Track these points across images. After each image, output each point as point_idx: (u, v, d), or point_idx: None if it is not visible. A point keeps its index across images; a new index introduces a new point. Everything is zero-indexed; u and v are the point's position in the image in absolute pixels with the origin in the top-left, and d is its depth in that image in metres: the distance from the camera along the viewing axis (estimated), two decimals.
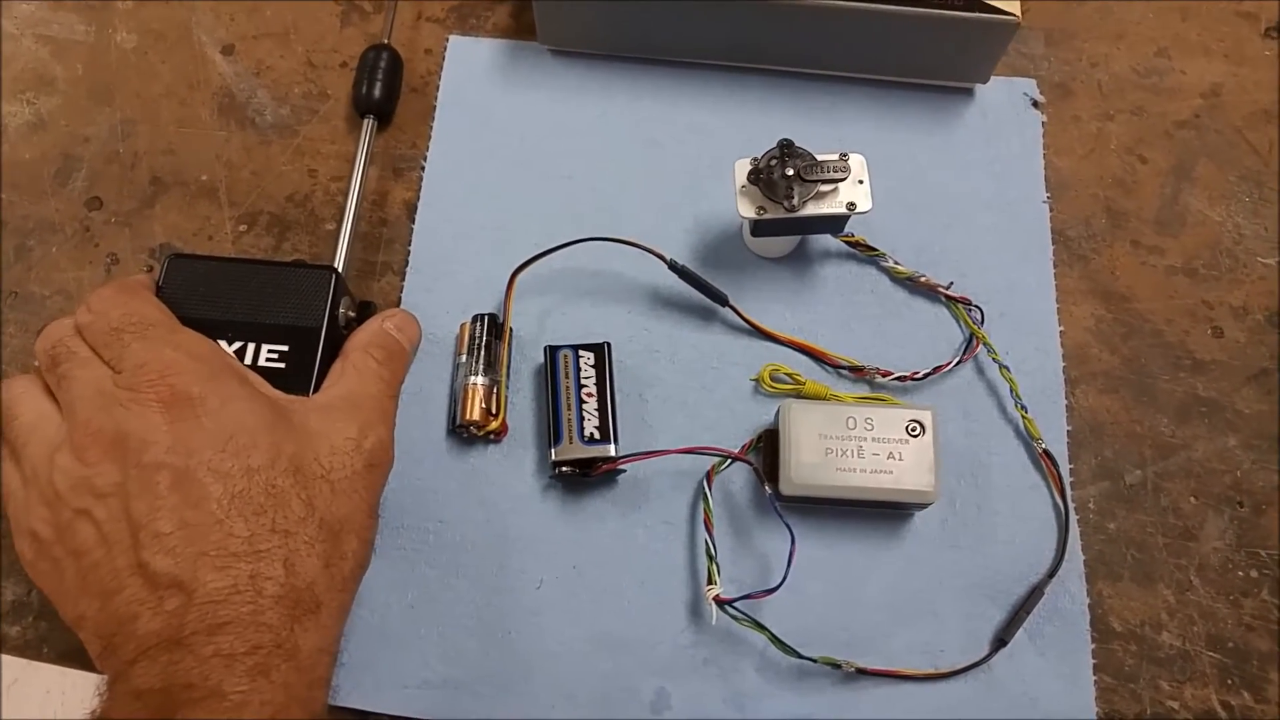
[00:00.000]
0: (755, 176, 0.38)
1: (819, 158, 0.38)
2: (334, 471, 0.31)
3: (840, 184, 0.38)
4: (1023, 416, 0.39)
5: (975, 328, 0.41)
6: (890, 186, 0.44)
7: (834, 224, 0.40)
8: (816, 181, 0.37)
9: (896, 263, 0.42)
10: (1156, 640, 0.37)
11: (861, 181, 0.38)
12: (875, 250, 0.42)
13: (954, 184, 0.45)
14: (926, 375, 0.40)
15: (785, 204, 0.37)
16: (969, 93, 0.46)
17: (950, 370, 0.40)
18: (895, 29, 0.42)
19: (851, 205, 0.38)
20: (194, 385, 0.30)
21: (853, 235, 0.42)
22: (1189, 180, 0.45)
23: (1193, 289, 0.43)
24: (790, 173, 0.37)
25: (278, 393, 0.34)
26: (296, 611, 0.28)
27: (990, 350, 0.40)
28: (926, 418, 0.37)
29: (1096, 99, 0.47)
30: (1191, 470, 0.40)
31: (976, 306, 0.41)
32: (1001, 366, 0.40)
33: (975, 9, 0.41)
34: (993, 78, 0.46)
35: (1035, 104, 0.46)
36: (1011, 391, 0.40)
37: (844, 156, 0.38)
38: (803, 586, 0.37)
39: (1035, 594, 0.37)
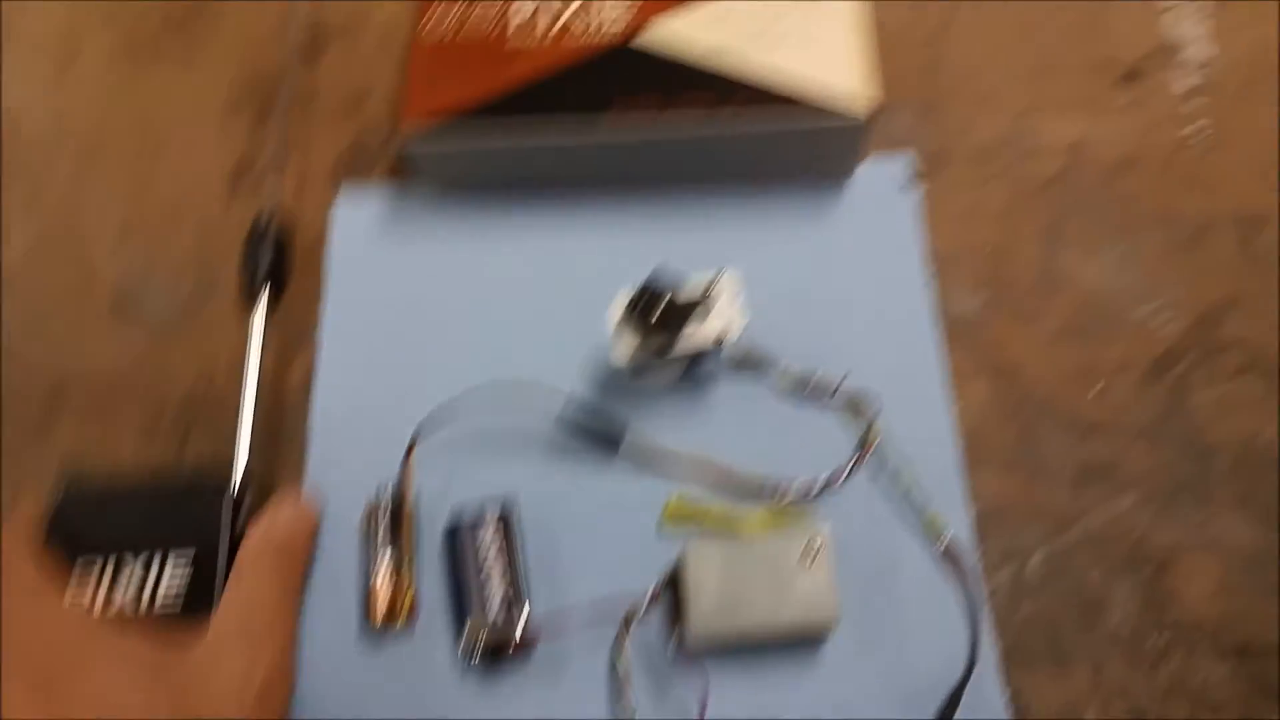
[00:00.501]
0: (628, 318, 0.39)
1: (682, 293, 0.39)
2: (223, 713, 0.32)
3: (710, 311, 0.39)
4: (921, 517, 0.41)
5: (870, 424, 0.42)
6: (772, 291, 0.45)
7: (709, 355, 0.41)
8: (681, 322, 0.39)
9: (783, 372, 0.43)
10: None
11: (737, 298, 0.39)
12: (759, 366, 0.43)
13: (835, 278, 0.46)
14: (822, 490, 0.41)
15: (655, 352, 0.39)
16: (841, 182, 0.48)
17: (847, 478, 0.42)
18: (741, 147, 0.44)
19: (719, 339, 0.39)
20: (59, 660, 0.31)
21: (734, 356, 0.43)
22: (1061, 238, 0.47)
23: (1078, 351, 0.44)
24: (653, 320, 0.38)
25: (157, 645, 0.34)
26: None
27: (886, 450, 0.41)
28: (820, 539, 0.38)
29: (969, 166, 0.48)
30: (1092, 539, 0.41)
31: (870, 400, 0.42)
32: (898, 467, 0.41)
33: (817, 117, 0.42)
34: (868, 157, 0.47)
35: (915, 174, 0.48)
36: (909, 493, 0.41)
37: (717, 275, 0.39)
38: None
39: (953, 702, 0.38)
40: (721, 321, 0.39)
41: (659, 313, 0.38)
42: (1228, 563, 0.40)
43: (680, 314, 0.39)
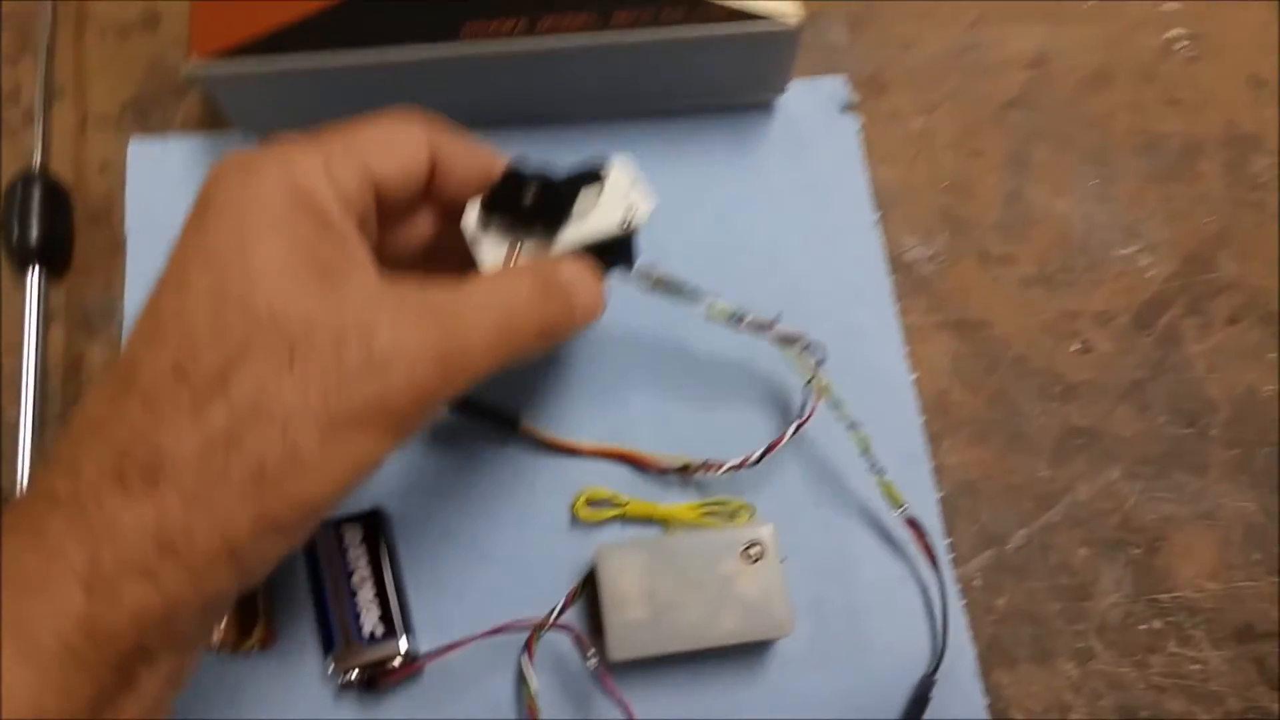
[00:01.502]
0: (489, 213, 0.30)
1: (557, 179, 0.30)
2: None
3: (603, 196, 0.30)
4: (879, 481, 0.35)
5: (814, 372, 0.35)
6: (694, 233, 0.40)
7: (616, 251, 0.31)
8: (565, 202, 0.30)
9: (711, 303, 0.33)
10: None
11: (636, 182, 0.31)
12: (682, 291, 0.33)
13: (767, 217, 0.40)
14: (762, 456, 0.35)
15: (540, 249, 0.30)
16: (768, 106, 0.42)
17: (788, 441, 0.35)
18: (657, 59, 0.37)
19: (627, 222, 0.30)
20: None
21: (651, 273, 0.32)
22: (1028, 170, 0.42)
23: (1051, 300, 0.40)
24: (527, 205, 0.30)
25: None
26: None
27: (835, 404, 0.35)
28: (766, 535, 0.32)
29: (914, 89, 0.43)
30: (1077, 517, 0.37)
31: (815, 344, 0.34)
32: (851, 425, 0.35)
33: (742, 18, 0.36)
34: (792, 82, 0.41)
35: (847, 106, 0.42)
36: (864, 453, 0.35)
37: (603, 161, 0.31)
38: None
39: (920, 702, 0.34)
40: (622, 203, 0.30)
41: (531, 196, 0.30)
42: (1226, 536, 0.36)
43: (561, 195, 0.30)
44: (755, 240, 0.40)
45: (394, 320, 0.24)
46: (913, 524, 0.35)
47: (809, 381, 0.35)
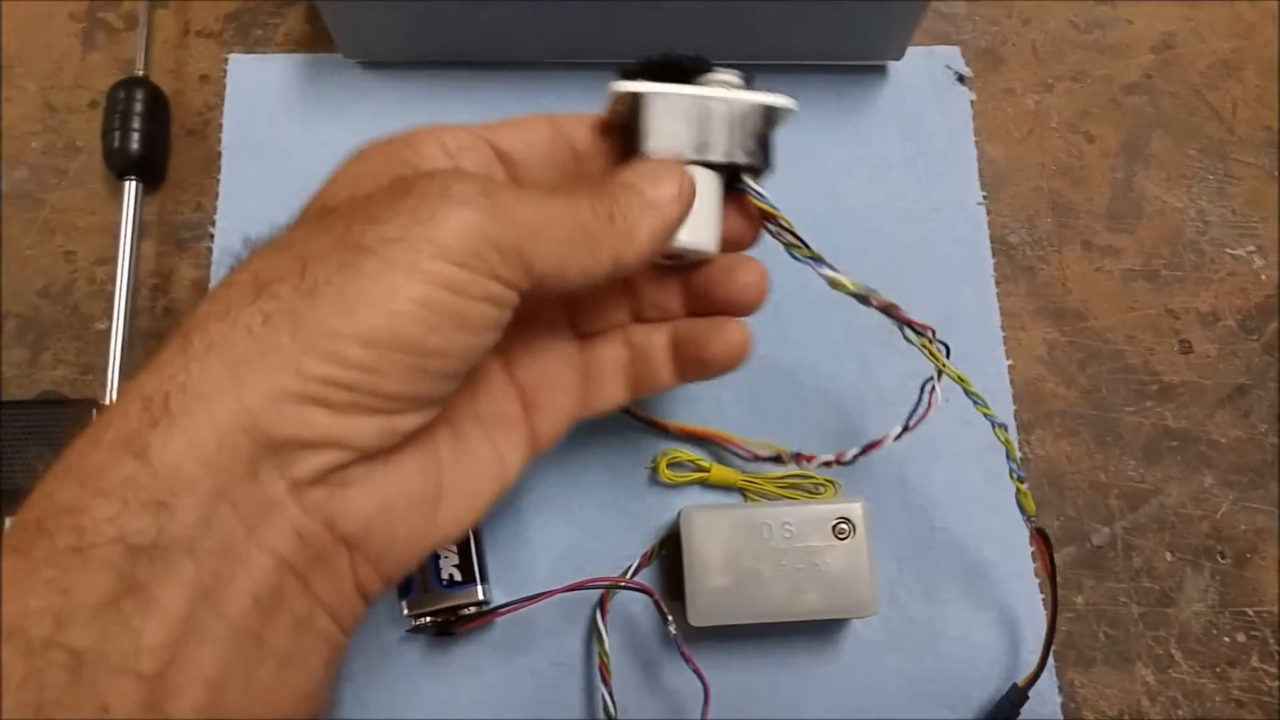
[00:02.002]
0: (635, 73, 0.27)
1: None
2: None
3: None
4: (1017, 488, 0.31)
5: (946, 365, 0.30)
6: (793, 198, 0.38)
7: (754, 137, 0.27)
8: (705, 68, 0.27)
9: (835, 270, 0.28)
10: None
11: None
12: (807, 248, 0.28)
13: (869, 189, 0.39)
14: (859, 455, 0.32)
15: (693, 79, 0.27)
16: (880, 71, 0.40)
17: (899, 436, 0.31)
18: (780, 11, 0.35)
19: (775, 105, 0.27)
20: None
21: (777, 212, 0.28)
22: (1143, 160, 0.40)
23: (1155, 296, 0.38)
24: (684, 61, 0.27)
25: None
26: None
27: (979, 401, 0.30)
28: (856, 513, 0.32)
29: (1032, 65, 0.41)
30: (1165, 520, 0.36)
31: (941, 342, 0.30)
32: (995, 425, 0.31)
33: None
34: (908, 49, 0.39)
35: (960, 78, 0.40)
36: (1010, 457, 0.31)
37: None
38: None
39: (1007, 713, 0.32)
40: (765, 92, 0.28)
41: (679, 61, 0.27)
42: None
43: (701, 64, 0.27)
44: (856, 209, 0.38)
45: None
46: (1040, 535, 0.32)
47: (931, 379, 0.30)
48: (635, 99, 0.26)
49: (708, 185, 0.27)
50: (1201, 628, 0.35)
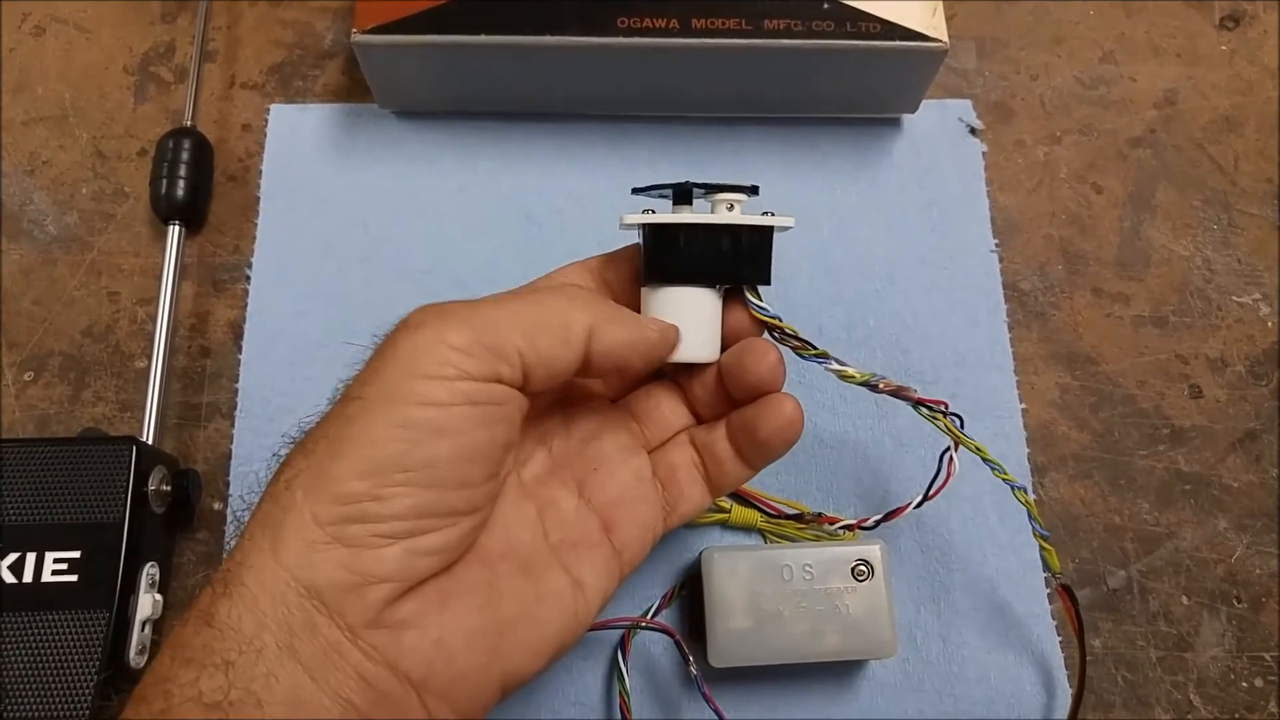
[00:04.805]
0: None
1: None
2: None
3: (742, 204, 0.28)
4: (1041, 546, 0.31)
5: (962, 438, 0.29)
6: (810, 246, 0.38)
7: (751, 255, 0.28)
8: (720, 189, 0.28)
9: (843, 364, 0.28)
10: None
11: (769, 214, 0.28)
12: (812, 348, 0.29)
13: (886, 237, 0.38)
14: (880, 521, 0.31)
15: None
16: (896, 123, 0.40)
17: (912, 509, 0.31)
18: (801, 67, 0.35)
19: (768, 214, 0.28)
20: None
21: (779, 321, 0.29)
22: (1149, 210, 0.39)
23: (1164, 341, 0.37)
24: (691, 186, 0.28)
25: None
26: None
27: (996, 469, 0.30)
28: (875, 555, 0.31)
29: (1040, 118, 0.41)
30: (1180, 563, 0.35)
31: (955, 414, 0.29)
32: (1015, 489, 0.30)
33: (894, 37, 0.34)
34: (922, 103, 0.39)
35: (973, 131, 0.40)
36: (1031, 518, 0.30)
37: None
38: None
39: None
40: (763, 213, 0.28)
41: (683, 189, 0.28)
42: None
43: (711, 189, 0.28)
44: (872, 256, 0.38)
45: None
46: (1066, 591, 0.31)
47: (949, 448, 0.30)
48: (641, 227, 0.27)
49: (706, 302, 0.28)
50: (1219, 673, 0.33)
